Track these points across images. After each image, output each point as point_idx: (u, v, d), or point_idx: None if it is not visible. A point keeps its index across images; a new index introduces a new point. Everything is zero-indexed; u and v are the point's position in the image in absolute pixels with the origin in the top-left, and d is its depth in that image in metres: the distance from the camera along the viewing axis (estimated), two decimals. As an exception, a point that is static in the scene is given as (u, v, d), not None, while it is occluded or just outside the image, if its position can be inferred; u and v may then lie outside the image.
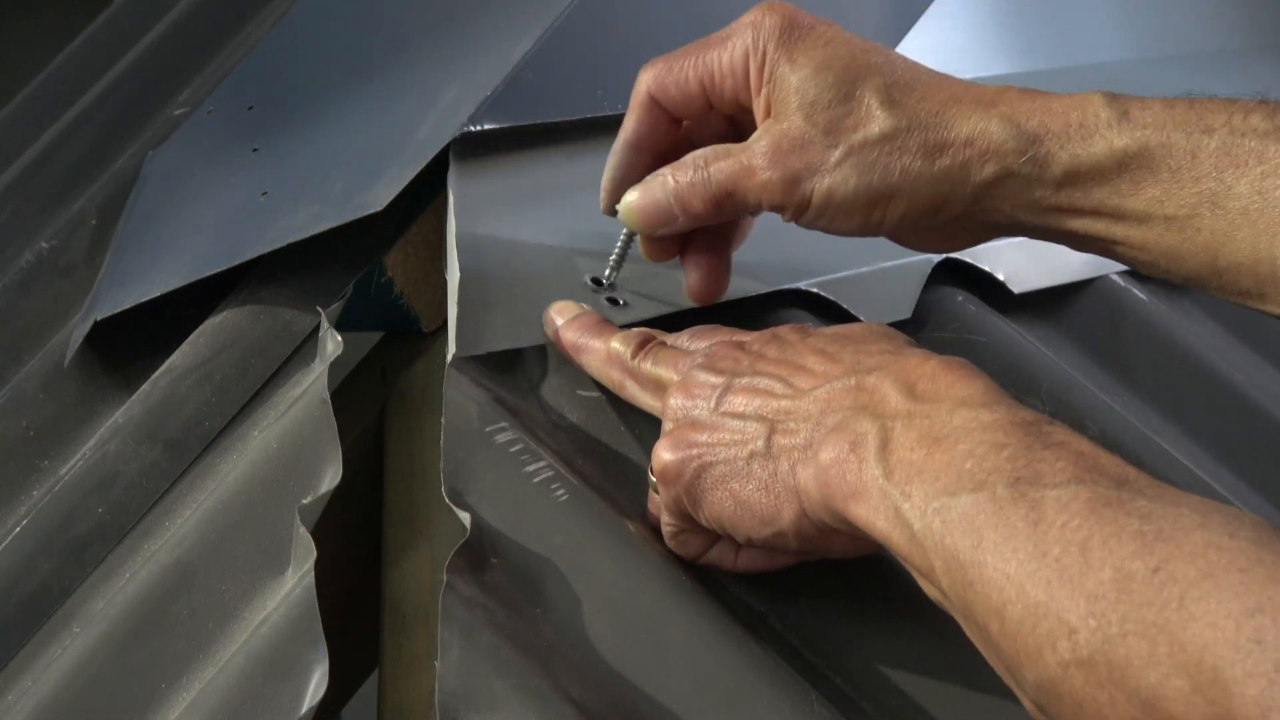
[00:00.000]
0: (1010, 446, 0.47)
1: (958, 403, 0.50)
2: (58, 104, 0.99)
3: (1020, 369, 0.72)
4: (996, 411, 0.49)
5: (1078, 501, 0.44)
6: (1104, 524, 0.43)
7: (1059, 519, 0.44)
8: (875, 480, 0.49)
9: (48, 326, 0.83)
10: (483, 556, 0.57)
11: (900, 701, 0.56)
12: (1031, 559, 0.43)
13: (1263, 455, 0.73)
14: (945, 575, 0.46)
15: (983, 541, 0.45)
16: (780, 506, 0.53)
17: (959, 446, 0.48)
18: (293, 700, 0.53)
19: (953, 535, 0.46)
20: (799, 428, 0.53)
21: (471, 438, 0.60)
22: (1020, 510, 0.44)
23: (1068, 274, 0.79)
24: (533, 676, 0.52)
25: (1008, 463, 0.46)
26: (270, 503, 0.62)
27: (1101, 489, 0.44)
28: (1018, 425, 0.48)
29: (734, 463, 0.55)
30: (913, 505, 0.47)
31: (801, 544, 0.55)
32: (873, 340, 0.57)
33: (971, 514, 0.46)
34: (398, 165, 0.72)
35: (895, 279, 0.73)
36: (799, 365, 0.56)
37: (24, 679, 0.62)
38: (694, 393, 0.57)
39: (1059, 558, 0.43)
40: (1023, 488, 0.45)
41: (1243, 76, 1.14)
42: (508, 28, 0.82)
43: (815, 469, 0.51)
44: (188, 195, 0.84)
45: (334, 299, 0.72)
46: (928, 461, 0.48)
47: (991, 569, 0.44)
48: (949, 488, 0.47)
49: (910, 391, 0.51)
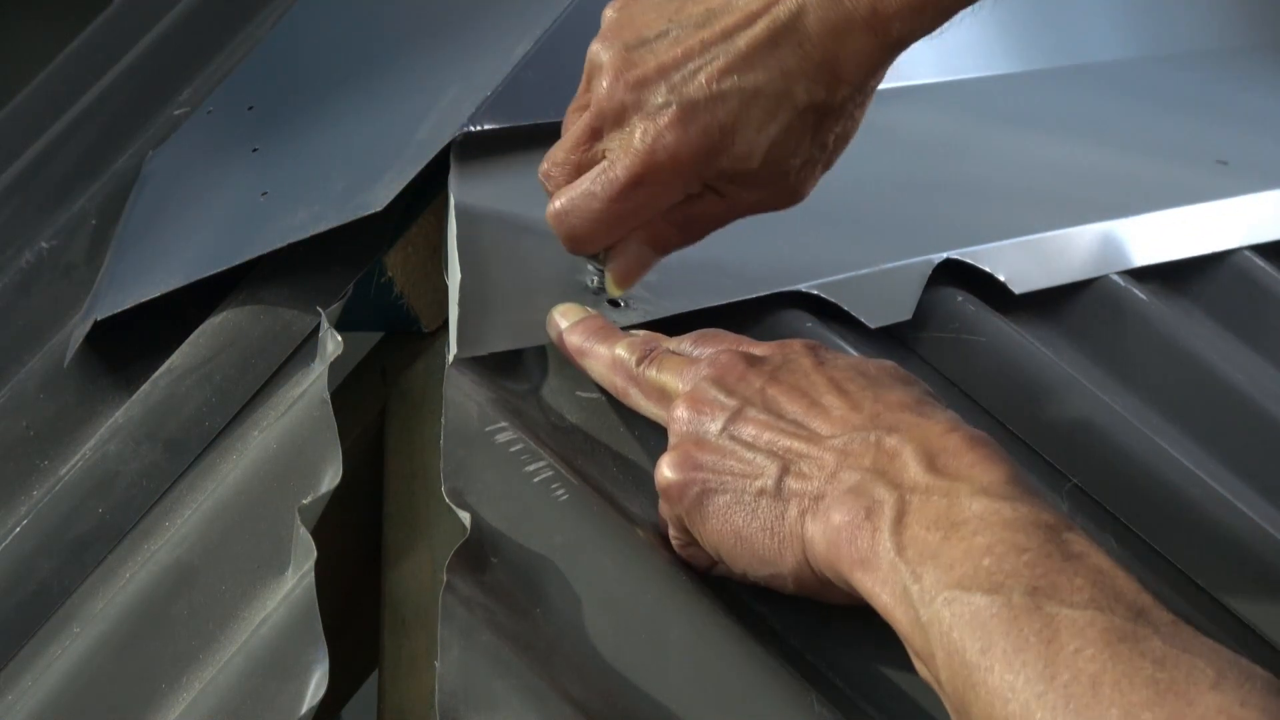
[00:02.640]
0: (1030, 551, 0.46)
1: (979, 488, 0.49)
2: (58, 104, 0.99)
3: (1020, 369, 0.72)
4: (1019, 509, 0.48)
5: (1093, 629, 0.43)
6: (1118, 661, 0.42)
7: (1072, 643, 0.43)
8: (887, 553, 0.48)
9: (48, 326, 0.83)
10: (483, 556, 0.57)
11: (900, 702, 0.56)
12: (1040, 679, 0.43)
13: (1263, 455, 0.73)
14: (946, 668, 0.46)
15: (992, 647, 0.44)
16: (783, 551, 0.53)
17: (977, 539, 0.47)
18: (293, 700, 0.53)
19: (960, 631, 0.45)
20: (813, 474, 0.53)
21: (471, 438, 0.60)
22: (1034, 624, 0.44)
23: (1068, 274, 0.79)
24: (533, 676, 0.52)
25: (1026, 569, 0.45)
26: (270, 503, 0.62)
27: (1118, 619, 0.43)
28: (1039, 528, 0.47)
29: (740, 495, 0.54)
30: (922, 589, 0.47)
31: (799, 589, 0.54)
32: (890, 385, 0.56)
33: (984, 616, 0.45)
34: (398, 165, 0.72)
35: (895, 279, 0.73)
36: (815, 402, 0.55)
37: (24, 679, 0.62)
38: (702, 409, 0.56)
39: (1068, 685, 0.42)
40: (1039, 599, 0.44)
41: (1243, 75, 1.14)
42: (508, 28, 0.82)
43: (825, 526, 0.51)
44: (188, 195, 0.84)
45: (334, 299, 0.72)
46: (943, 546, 0.47)
47: (998, 678, 0.44)
48: (963, 581, 0.46)
49: (931, 464, 0.50)
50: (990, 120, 0.96)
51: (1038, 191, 0.87)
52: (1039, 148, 0.94)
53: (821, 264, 0.72)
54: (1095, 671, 0.42)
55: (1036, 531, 0.47)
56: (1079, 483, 0.68)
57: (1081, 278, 0.79)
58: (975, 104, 0.94)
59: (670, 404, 0.58)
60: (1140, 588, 0.45)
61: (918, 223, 0.79)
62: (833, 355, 0.58)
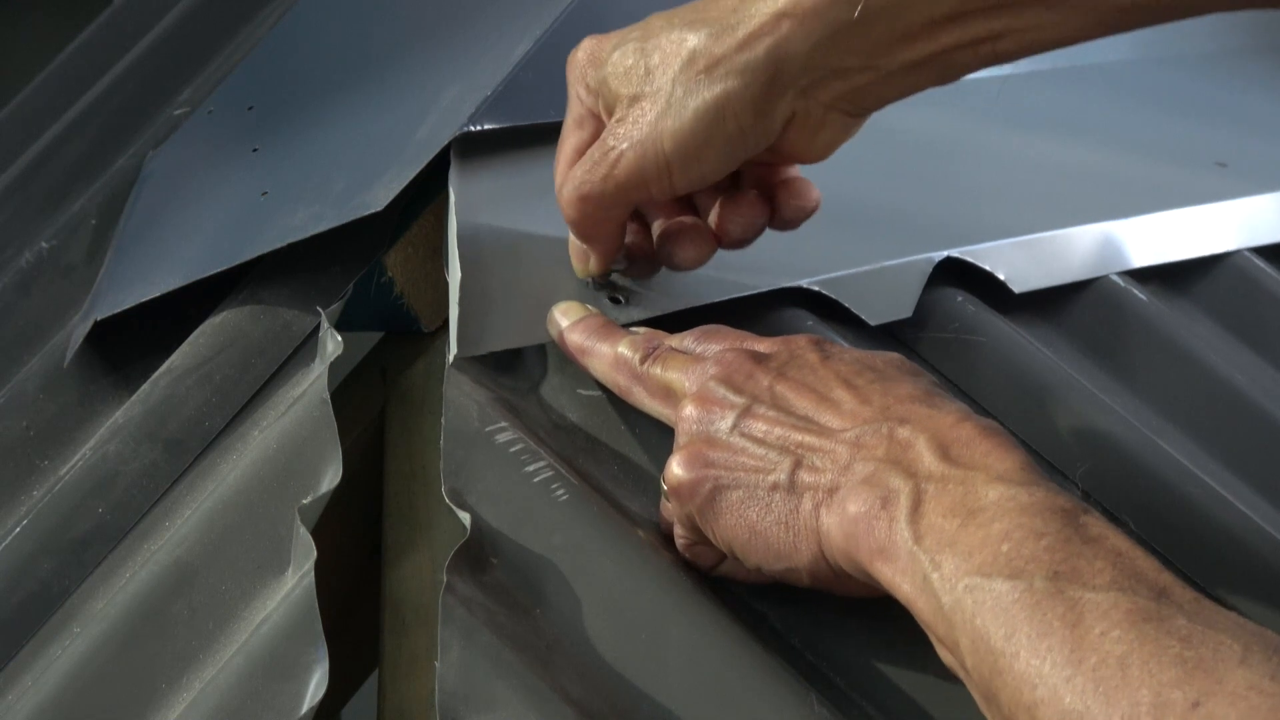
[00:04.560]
0: (1049, 536, 0.46)
1: (994, 476, 0.49)
2: (58, 104, 0.99)
3: (1020, 369, 0.72)
4: (1034, 494, 0.48)
5: (1118, 611, 0.43)
6: (1144, 641, 0.42)
7: (1098, 625, 0.43)
8: (905, 543, 0.48)
9: (48, 326, 0.83)
10: (483, 556, 0.57)
11: (900, 701, 0.56)
12: (1068, 663, 0.43)
13: (1263, 455, 0.73)
14: (971, 655, 0.46)
15: (1016, 632, 0.44)
16: (798, 544, 0.53)
17: (994, 525, 0.47)
18: (293, 700, 0.53)
19: (984, 618, 0.45)
20: (825, 466, 0.53)
21: (471, 438, 0.60)
22: (1058, 609, 0.44)
23: (1068, 274, 0.79)
24: (533, 676, 0.52)
25: (1046, 553, 0.46)
26: (270, 503, 0.62)
27: (1141, 600, 0.43)
28: (1056, 512, 0.47)
29: (753, 490, 0.54)
30: (942, 576, 0.47)
31: (814, 583, 0.54)
32: (898, 378, 0.56)
33: (1007, 601, 0.45)
34: (398, 165, 0.72)
35: (895, 278, 0.73)
36: (825, 397, 0.55)
37: (24, 679, 0.62)
38: (711, 407, 0.56)
39: (1095, 668, 0.42)
40: (1061, 584, 0.44)
41: (1244, 76, 1.14)
42: (508, 28, 0.82)
43: (841, 518, 0.51)
44: (188, 195, 0.84)
45: (334, 299, 0.72)
46: (961, 534, 0.47)
47: (1024, 663, 0.44)
48: (983, 568, 0.46)
49: (944, 454, 0.50)
50: (990, 120, 0.96)
51: (1038, 191, 0.87)
52: (1039, 148, 0.94)
53: (822, 261, 0.72)
54: (1122, 653, 0.42)
55: (1054, 516, 0.47)
56: (1079, 482, 0.67)
57: (1081, 278, 0.79)
58: (975, 104, 0.94)
59: (676, 402, 0.58)
60: (1160, 567, 0.45)
61: (918, 221, 0.79)
62: (838, 350, 0.58)
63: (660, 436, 0.60)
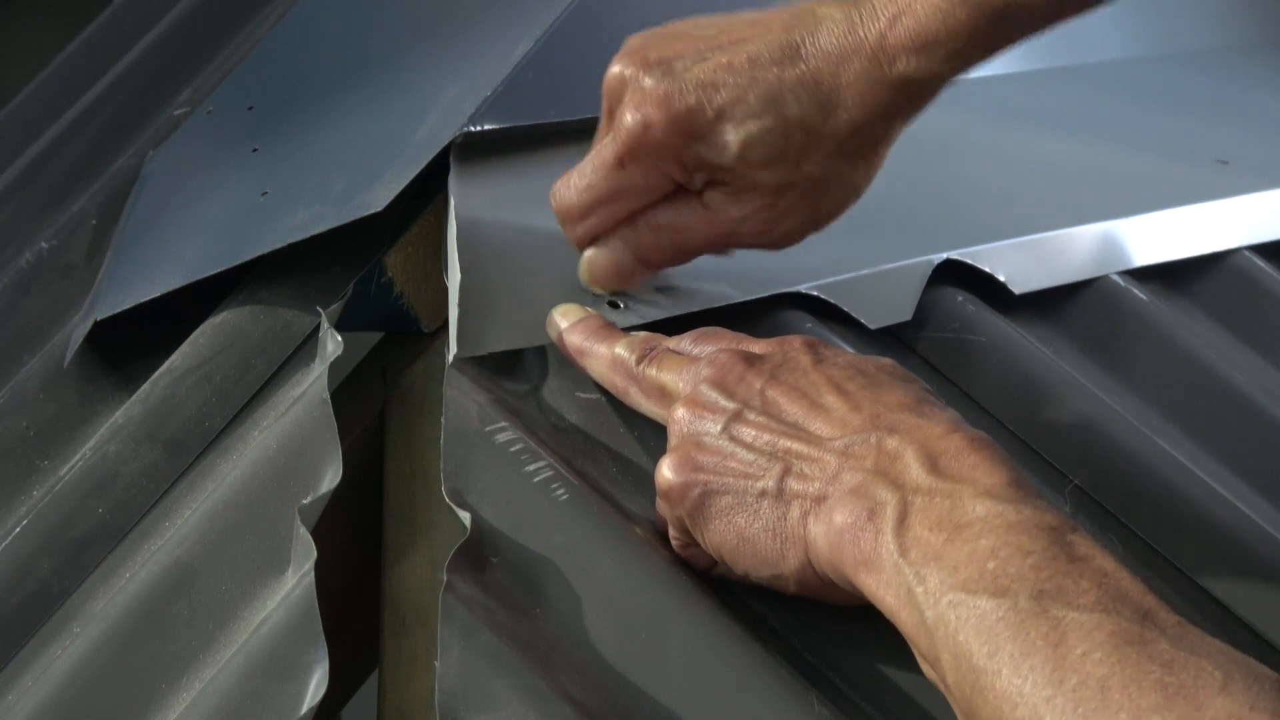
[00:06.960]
0: (1035, 554, 0.46)
1: (982, 491, 0.49)
2: (58, 104, 0.99)
3: (1020, 369, 0.72)
4: (1022, 511, 0.48)
5: (1100, 632, 0.43)
6: (1125, 665, 0.42)
7: (1079, 647, 0.43)
8: (890, 555, 0.48)
9: (48, 326, 0.83)
10: (483, 556, 0.57)
11: (900, 701, 0.56)
12: (1049, 683, 0.43)
13: (1263, 455, 0.73)
14: (953, 670, 0.46)
15: (999, 651, 0.44)
16: (785, 552, 0.53)
17: (981, 542, 0.47)
18: (293, 700, 0.53)
19: (967, 634, 0.45)
20: (814, 475, 0.53)
21: (471, 438, 0.60)
22: (1041, 628, 0.44)
23: (1068, 274, 0.79)
24: (533, 676, 0.52)
25: (1032, 571, 0.45)
26: (270, 503, 0.62)
27: (1125, 622, 0.43)
28: (1044, 531, 0.47)
29: (742, 497, 0.54)
30: (926, 591, 0.47)
31: (801, 590, 0.54)
32: (889, 385, 0.56)
33: (990, 619, 0.45)
34: (398, 165, 0.72)
35: (895, 280, 0.73)
36: (815, 403, 0.55)
37: (24, 679, 0.62)
38: (702, 410, 0.56)
39: (1076, 689, 0.42)
40: (1045, 603, 0.44)
41: (1245, 73, 1.14)
42: (508, 28, 0.82)
43: (828, 527, 0.51)
44: (188, 195, 0.84)
45: (334, 299, 0.72)
46: (946, 548, 0.47)
47: (1005, 682, 0.44)
48: (968, 584, 0.46)
49: (932, 466, 0.50)
50: (990, 120, 0.96)
51: (1038, 191, 0.87)
52: (1039, 148, 0.94)
53: (821, 265, 0.72)
54: (1103, 675, 0.42)
55: (1041, 534, 0.47)
56: (1079, 483, 0.67)
57: (1081, 278, 0.79)
58: (975, 104, 0.94)
59: (670, 404, 0.58)
60: (1146, 590, 0.45)
61: (918, 223, 0.79)
62: (832, 352, 0.58)
63: (659, 438, 0.59)
